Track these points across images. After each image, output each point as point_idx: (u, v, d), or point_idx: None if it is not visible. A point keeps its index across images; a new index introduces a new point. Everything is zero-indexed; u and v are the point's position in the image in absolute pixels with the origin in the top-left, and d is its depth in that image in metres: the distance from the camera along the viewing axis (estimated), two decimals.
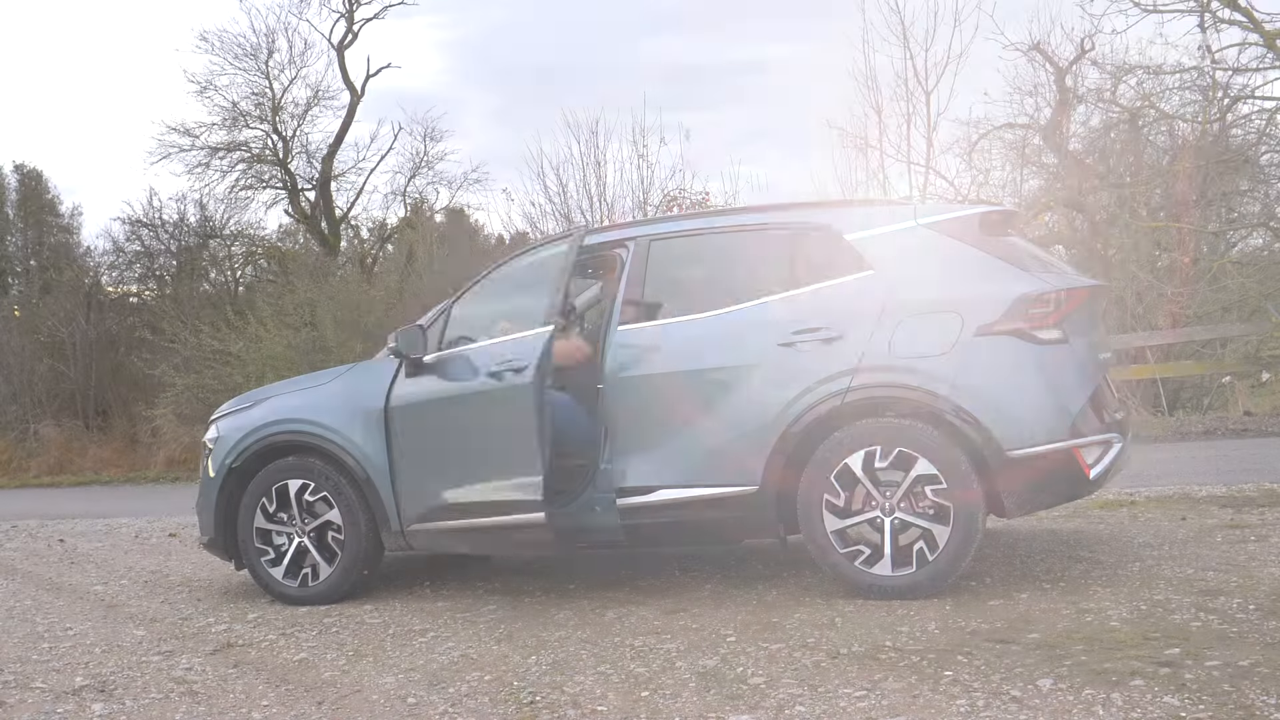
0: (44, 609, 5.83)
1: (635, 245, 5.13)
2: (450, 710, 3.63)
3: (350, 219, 21.27)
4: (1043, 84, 13.63)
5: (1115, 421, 4.76)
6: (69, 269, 21.60)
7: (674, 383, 4.83)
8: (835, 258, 4.89)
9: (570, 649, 4.25)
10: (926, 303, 4.60)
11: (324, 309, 15.85)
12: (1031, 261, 4.80)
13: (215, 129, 19.91)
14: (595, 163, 14.57)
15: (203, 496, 5.62)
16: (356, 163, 21.32)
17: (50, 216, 29.84)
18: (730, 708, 3.44)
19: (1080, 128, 14.16)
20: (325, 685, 4.03)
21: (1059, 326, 4.56)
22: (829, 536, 4.63)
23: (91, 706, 3.93)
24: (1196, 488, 7.26)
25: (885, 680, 3.57)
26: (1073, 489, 4.65)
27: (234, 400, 5.91)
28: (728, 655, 4.00)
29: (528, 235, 15.50)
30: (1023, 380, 4.50)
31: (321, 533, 5.36)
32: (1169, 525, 5.94)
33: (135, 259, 20.93)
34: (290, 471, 5.37)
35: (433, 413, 5.13)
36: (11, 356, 19.27)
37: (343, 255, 20.15)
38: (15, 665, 4.59)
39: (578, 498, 5.00)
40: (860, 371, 4.57)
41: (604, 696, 3.64)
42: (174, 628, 5.16)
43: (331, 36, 20.15)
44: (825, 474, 4.61)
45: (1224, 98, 12.61)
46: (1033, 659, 3.68)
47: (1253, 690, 3.23)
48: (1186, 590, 4.46)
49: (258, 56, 19.77)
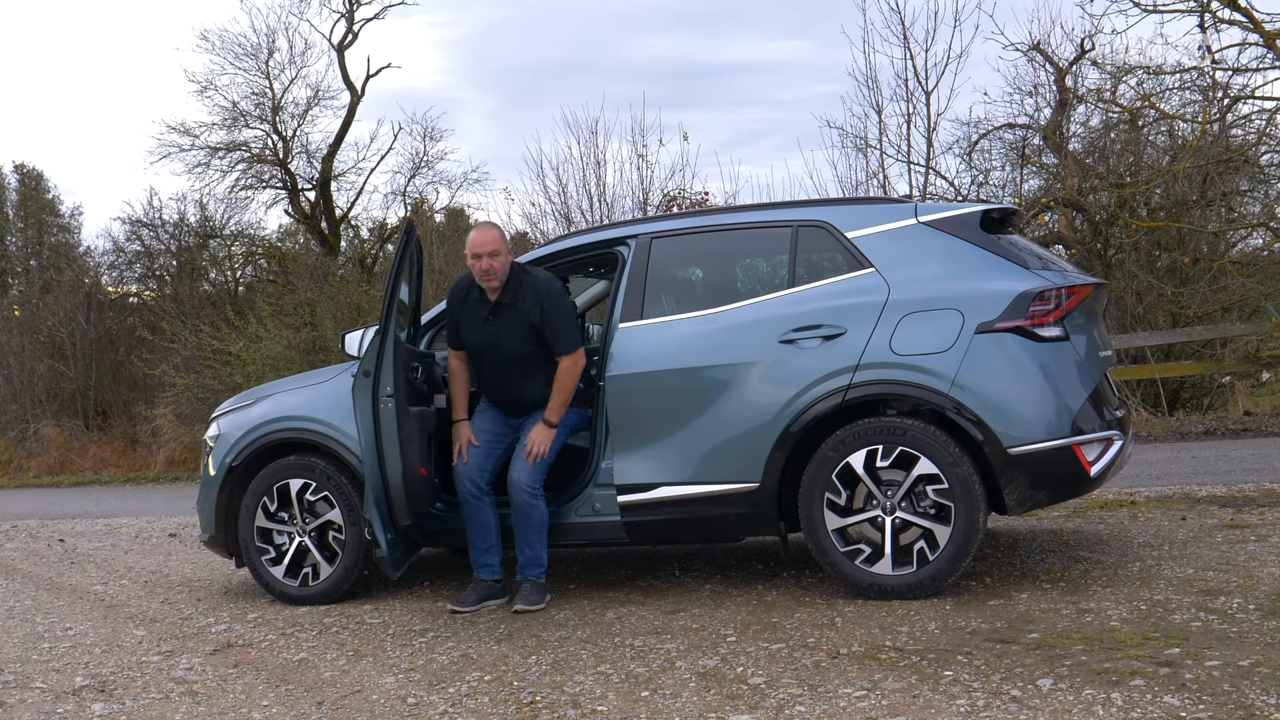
0: (44, 609, 5.83)
1: (637, 243, 5.13)
2: (450, 710, 3.62)
3: (350, 219, 21.26)
4: (1043, 84, 13.62)
5: (1116, 419, 4.77)
6: (69, 269, 21.58)
7: (674, 380, 4.83)
8: (836, 255, 4.91)
9: (570, 649, 4.25)
10: (927, 300, 4.61)
11: (324, 309, 15.85)
12: (1032, 259, 4.80)
13: (215, 129, 19.89)
14: (595, 163, 14.55)
15: (203, 494, 5.62)
16: (356, 163, 21.31)
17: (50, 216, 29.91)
18: (730, 708, 3.44)
19: (1080, 128, 14.16)
20: (325, 685, 4.02)
21: (1060, 324, 4.56)
22: (830, 535, 4.63)
23: (91, 706, 3.93)
24: (1196, 488, 7.26)
25: (885, 680, 3.57)
26: (1074, 486, 4.66)
27: (235, 397, 5.90)
28: (728, 655, 4.00)
29: (527, 235, 15.48)
30: (1024, 378, 4.51)
31: (322, 532, 5.36)
32: (1169, 525, 5.94)
33: (135, 259, 20.90)
34: (291, 471, 5.37)
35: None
36: (11, 356, 19.26)
37: (343, 255, 20.13)
38: (15, 665, 4.59)
39: (578, 494, 5.00)
40: (861, 369, 4.57)
41: (604, 696, 3.64)
42: (174, 628, 5.16)
43: (331, 36, 20.13)
44: (826, 472, 4.61)
45: (1224, 98, 12.59)
46: (1033, 659, 3.67)
47: (1253, 690, 3.23)
48: (1186, 590, 4.46)
49: (258, 56, 19.75)
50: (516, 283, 5.00)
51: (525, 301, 4.97)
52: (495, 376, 5.13)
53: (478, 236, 4.98)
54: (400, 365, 4.82)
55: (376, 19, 20.26)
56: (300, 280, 17.33)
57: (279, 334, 15.31)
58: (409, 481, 4.80)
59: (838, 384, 4.59)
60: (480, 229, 5.01)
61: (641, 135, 14.61)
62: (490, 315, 5.04)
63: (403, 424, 4.78)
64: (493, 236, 4.97)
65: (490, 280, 4.96)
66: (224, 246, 20.75)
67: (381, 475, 4.80)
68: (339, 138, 20.15)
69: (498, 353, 5.05)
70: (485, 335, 5.05)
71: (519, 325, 4.97)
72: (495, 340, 5.03)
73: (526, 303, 4.96)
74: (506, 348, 5.02)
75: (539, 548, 4.98)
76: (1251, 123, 13.04)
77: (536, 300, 4.95)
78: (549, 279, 5.06)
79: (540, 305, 4.95)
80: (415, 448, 4.85)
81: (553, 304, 4.96)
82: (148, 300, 20.51)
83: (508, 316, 5.00)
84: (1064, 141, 13.41)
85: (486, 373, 5.15)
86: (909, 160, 13.53)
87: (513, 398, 5.14)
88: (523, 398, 5.11)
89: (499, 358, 5.06)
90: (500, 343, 5.02)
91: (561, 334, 4.97)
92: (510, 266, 5.02)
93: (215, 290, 20.15)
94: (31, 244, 30.00)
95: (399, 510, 4.84)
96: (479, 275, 4.97)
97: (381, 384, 4.78)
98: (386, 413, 4.77)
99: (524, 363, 5.03)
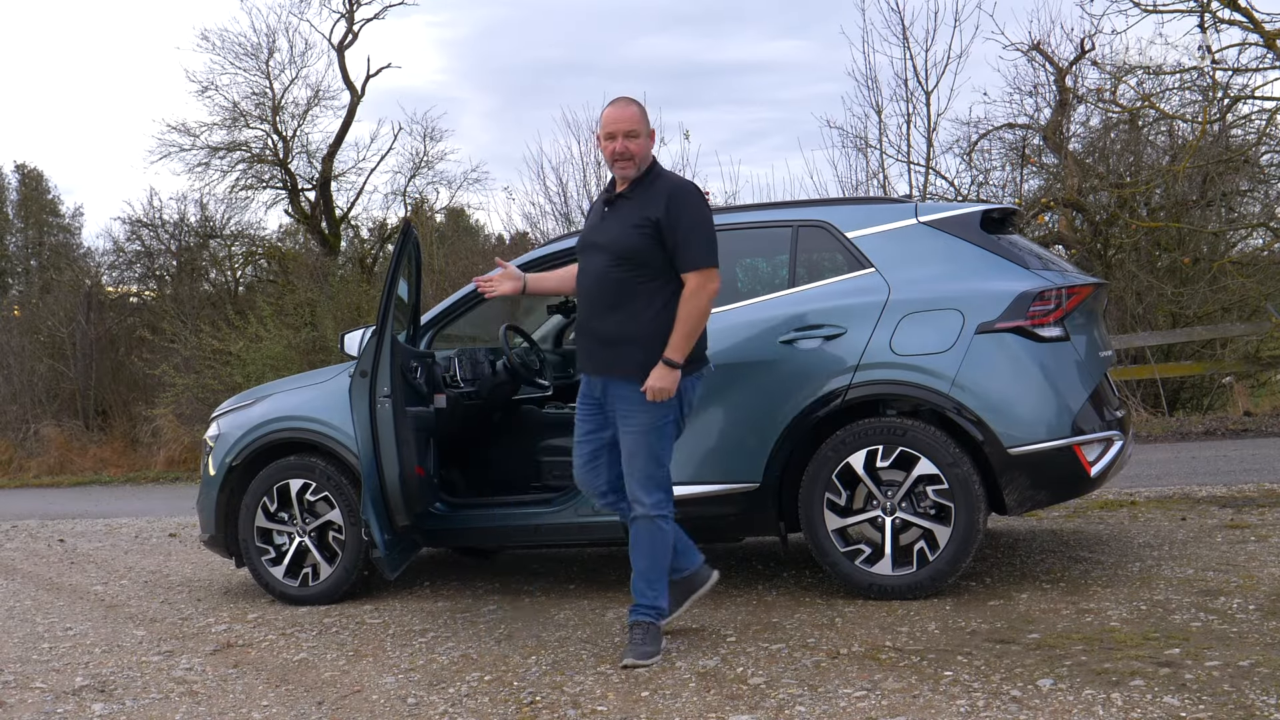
0: (44, 609, 5.83)
1: None
2: (450, 710, 3.62)
3: (350, 219, 21.27)
4: (1043, 84, 13.62)
5: (1116, 419, 4.77)
6: (69, 269, 21.57)
7: None
8: (837, 255, 4.91)
9: (570, 649, 4.24)
10: (928, 300, 4.60)
11: (324, 309, 15.85)
12: (1033, 259, 4.80)
13: (215, 129, 19.90)
14: (595, 163, 14.55)
15: (203, 494, 5.62)
16: (356, 163, 21.33)
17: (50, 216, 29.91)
18: (730, 708, 3.44)
19: (1080, 128, 14.17)
20: (325, 685, 4.02)
21: (1060, 324, 4.56)
22: (830, 535, 4.63)
23: (91, 706, 3.92)
24: (1196, 488, 7.26)
25: (885, 680, 3.57)
26: (1074, 486, 4.65)
27: (235, 397, 5.90)
28: (728, 655, 4.00)
29: (527, 235, 15.49)
30: (1024, 378, 4.51)
31: (322, 532, 5.36)
32: (1169, 525, 5.94)
33: (135, 259, 20.91)
34: (291, 471, 5.37)
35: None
36: (11, 356, 19.26)
37: (343, 255, 20.14)
38: (15, 665, 4.59)
39: (578, 494, 4.99)
40: (861, 369, 4.57)
41: (604, 696, 3.64)
42: (174, 628, 5.15)
43: (331, 36, 20.14)
44: (826, 472, 4.61)
45: (1224, 98, 12.58)
46: (1033, 659, 3.67)
47: (1253, 690, 3.23)
48: (1186, 590, 4.46)
49: (258, 56, 19.76)
50: (650, 179, 4.02)
51: (649, 196, 3.97)
52: (583, 291, 4.12)
53: (613, 112, 4.04)
54: (398, 366, 4.82)
55: (376, 19, 20.29)
56: (300, 280, 17.33)
57: (279, 334, 15.31)
58: (406, 482, 4.80)
59: (838, 384, 4.59)
60: (617, 103, 4.08)
61: None
62: (606, 208, 4.09)
63: (400, 425, 4.78)
64: (631, 113, 4.02)
65: (626, 167, 3.99)
66: (224, 246, 20.75)
67: (379, 476, 4.80)
68: (339, 138, 20.16)
69: (594, 259, 4.06)
70: (592, 234, 4.11)
71: (631, 222, 3.95)
72: (598, 241, 4.06)
73: (651, 197, 3.96)
74: (607, 251, 4.00)
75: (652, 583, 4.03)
76: (1251, 123, 13.04)
77: (665, 196, 3.94)
78: (687, 182, 4.11)
79: (668, 201, 3.92)
80: (412, 448, 4.84)
81: (686, 201, 3.94)
82: (148, 300, 20.52)
83: (624, 210, 4.01)
84: (1064, 141, 13.41)
85: (580, 289, 4.16)
86: (909, 160, 13.53)
87: (590, 330, 4.06)
88: (599, 330, 4.00)
89: (593, 265, 4.05)
90: (602, 244, 4.03)
91: (690, 241, 3.88)
92: (653, 164, 4.06)
93: (215, 290, 20.15)
94: (32, 244, 29.99)
95: (396, 511, 4.84)
96: (610, 160, 4.01)
97: (379, 384, 4.78)
98: (384, 413, 4.76)
99: (619, 280, 3.95)
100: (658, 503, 3.96)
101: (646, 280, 3.92)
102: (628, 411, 3.95)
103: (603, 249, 3.99)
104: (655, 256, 3.92)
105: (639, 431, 3.94)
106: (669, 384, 3.86)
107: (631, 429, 3.95)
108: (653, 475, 3.95)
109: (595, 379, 4.05)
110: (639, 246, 3.91)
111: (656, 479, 3.96)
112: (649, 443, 3.94)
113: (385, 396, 4.77)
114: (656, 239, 3.90)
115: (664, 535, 3.98)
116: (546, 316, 6.73)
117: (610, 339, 3.96)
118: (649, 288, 3.93)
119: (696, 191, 4.03)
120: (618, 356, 3.94)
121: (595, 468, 4.16)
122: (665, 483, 3.99)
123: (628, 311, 3.93)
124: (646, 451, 3.94)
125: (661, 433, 3.95)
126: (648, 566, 4.02)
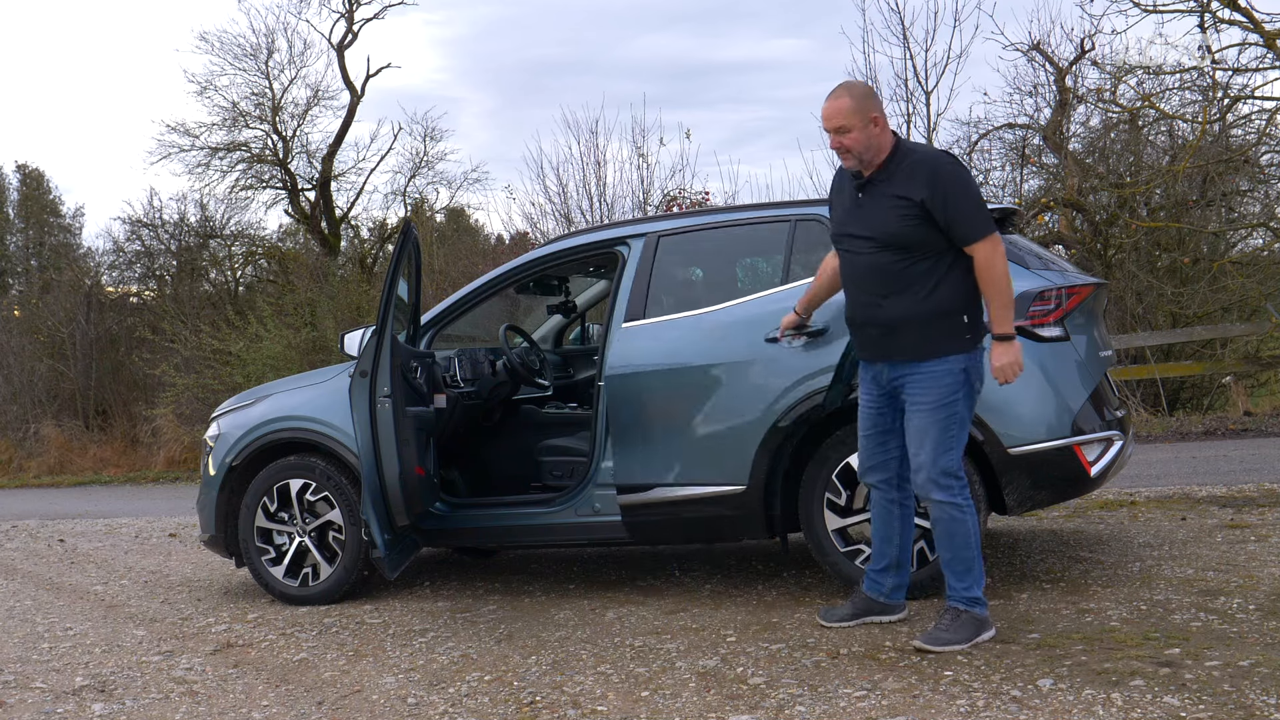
0: (44, 609, 5.83)
1: (644, 242, 5.10)
2: (450, 710, 3.62)
3: (350, 219, 21.28)
4: (1043, 84, 13.64)
5: (1116, 419, 4.77)
6: (69, 269, 21.59)
7: (667, 379, 4.82)
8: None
9: (570, 649, 4.25)
10: None
11: (324, 309, 15.85)
12: (1033, 259, 4.80)
13: (215, 129, 19.92)
14: (595, 163, 14.57)
15: (203, 494, 5.62)
16: (356, 163, 21.38)
17: (51, 216, 29.90)
18: (730, 708, 3.44)
19: (1080, 128, 14.18)
20: (325, 685, 4.02)
21: (1060, 324, 4.56)
22: (830, 535, 4.63)
23: (91, 706, 3.92)
24: (1196, 488, 7.26)
25: (885, 680, 3.57)
26: (1074, 486, 4.65)
27: (235, 397, 5.90)
28: (728, 655, 4.00)
29: (528, 235, 15.48)
30: (1024, 378, 4.47)
31: (322, 532, 5.35)
32: (1169, 525, 5.94)
33: (135, 259, 20.93)
34: (291, 471, 5.37)
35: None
36: (11, 356, 19.26)
37: (343, 255, 20.15)
38: (15, 665, 4.59)
39: (578, 494, 5.00)
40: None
41: (604, 696, 3.64)
42: (174, 628, 5.15)
43: (331, 36, 20.16)
44: (826, 472, 4.60)
45: (1224, 98, 12.59)
46: (1033, 659, 3.67)
47: (1253, 690, 3.23)
48: (1186, 590, 4.46)
49: (257, 56, 19.78)
50: (899, 158, 3.87)
51: (905, 177, 3.82)
52: (853, 281, 4.01)
53: (825, 106, 3.88)
54: (398, 366, 4.82)
55: (376, 19, 20.30)
56: (300, 280, 17.34)
57: (279, 334, 15.31)
58: (406, 482, 4.79)
59: (823, 383, 4.55)
60: (831, 95, 3.88)
61: (641, 135, 14.65)
62: (859, 193, 3.95)
63: (400, 425, 4.78)
64: (838, 107, 3.83)
65: (848, 160, 3.90)
66: (224, 246, 20.77)
67: (379, 476, 4.80)
68: (339, 138, 20.17)
69: (858, 247, 3.94)
70: (850, 221, 3.97)
71: (892, 207, 3.82)
72: (857, 230, 3.94)
73: (908, 178, 3.81)
74: (872, 240, 3.89)
75: (959, 574, 3.90)
76: (1251, 123, 13.04)
77: (924, 174, 3.79)
78: (939, 153, 3.98)
79: (929, 179, 3.77)
80: (413, 449, 4.84)
81: (945, 174, 3.79)
82: (148, 300, 20.53)
83: (881, 195, 3.87)
84: (1064, 141, 13.42)
85: (846, 277, 4.06)
86: None
87: (869, 318, 3.96)
88: (878, 317, 3.91)
89: (860, 254, 3.94)
90: (865, 233, 3.92)
91: (963, 214, 3.77)
92: (895, 143, 3.89)
93: (215, 290, 20.17)
94: (32, 244, 29.99)
95: (396, 511, 4.83)
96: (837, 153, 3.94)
97: (379, 384, 4.78)
98: (384, 413, 4.76)
99: (888, 266, 3.85)
100: (949, 489, 3.87)
101: (917, 261, 3.83)
102: (915, 392, 3.89)
103: (867, 238, 3.90)
104: (925, 237, 3.81)
105: (929, 409, 3.86)
106: (1013, 357, 3.82)
107: (921, 408, 3.88)
108: (939, 460, 3.85)
109: (880, 366, 4.00)
110: (905, 231, 3.81)
111: (943, 464, 3.86)
112: (939, 420, 3.85)
113: (385, 396, 4.77)
114: (923, 219, 3.79)
115: (960, 523, 3.86)
116: (546, 316, 6.73)
117: (891, 324, 3.89)
118: (920, 268, 3.83)
119: (952, 161, 3.92)
120: (900, 340, 3.89)
121: (885, 451, 4.09)
122: (953, 467, 3.87)
123: (905, 296, 3.85)
124: (938, 430, 3.85)
125: (951, 409, 3.85)
126: (951, 557, 3.92)
